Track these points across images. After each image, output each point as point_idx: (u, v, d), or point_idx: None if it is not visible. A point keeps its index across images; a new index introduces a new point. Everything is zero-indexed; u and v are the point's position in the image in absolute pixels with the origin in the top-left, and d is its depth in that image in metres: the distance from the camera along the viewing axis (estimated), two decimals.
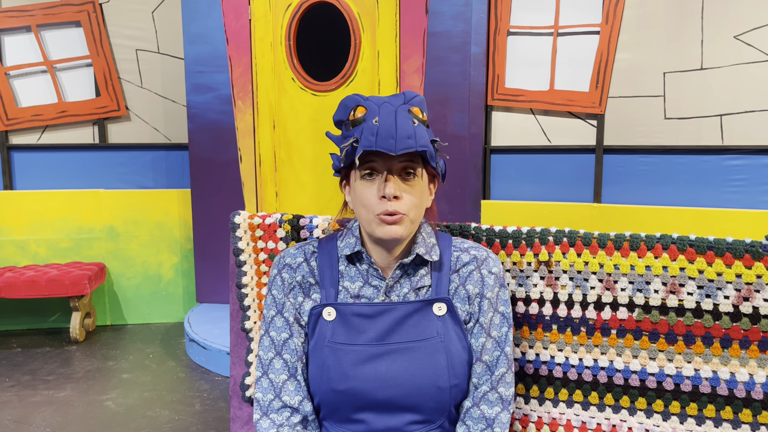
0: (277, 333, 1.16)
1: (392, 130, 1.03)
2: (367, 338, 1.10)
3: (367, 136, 1.04)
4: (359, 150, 1.05)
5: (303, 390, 1.14)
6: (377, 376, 1.09)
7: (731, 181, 3.30)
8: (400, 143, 1.03)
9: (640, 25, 3.39)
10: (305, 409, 1.13)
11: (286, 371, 1.14)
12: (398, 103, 1.09)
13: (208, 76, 3.71)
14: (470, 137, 3.54)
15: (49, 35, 3.94)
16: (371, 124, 1.05)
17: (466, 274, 1.16)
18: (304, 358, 1.15)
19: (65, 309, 4.02)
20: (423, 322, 1.11)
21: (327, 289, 1.15)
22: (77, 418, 2.76)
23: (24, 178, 4.03)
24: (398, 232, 1.08)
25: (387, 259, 1.14)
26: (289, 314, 1.16)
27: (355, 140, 1.07)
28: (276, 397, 1.13)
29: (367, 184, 1.09)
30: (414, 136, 1.04)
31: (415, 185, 1.09)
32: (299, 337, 1.16)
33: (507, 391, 1.14)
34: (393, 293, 1.14)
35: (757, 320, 1.12)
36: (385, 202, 1.07)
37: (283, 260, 1.19)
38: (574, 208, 3.60)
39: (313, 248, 1.20)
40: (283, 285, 1.17)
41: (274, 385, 1.14)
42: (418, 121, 1.08)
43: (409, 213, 1.08)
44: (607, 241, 1.21)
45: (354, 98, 1.12)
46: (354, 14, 3.52)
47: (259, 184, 3.78)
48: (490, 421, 1.12)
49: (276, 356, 1.15)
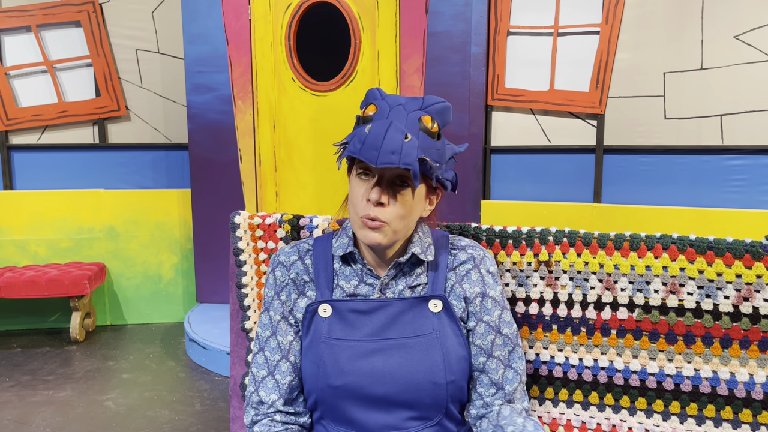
0: (262, 330, 1.19)
1: (378, 142, 1.01)
2: (363, 333, 1.11)
3: (355, 142, 1.04)
4: (344, 154, 1.08)
5: (281, 389, 1.14)
6: (373, 371, 1.09)
7: (731, 181, 3.30)
8: (383, 157, 1.01)
9: (640, 25, 3.39)
10: (277, 406, 1.14)
11: (266, 368, 1.16)
12: (413, 108, 1.08)
13: (208, 76, 3.71)
14: (470, 137, 3.54)
15: (49, 35, 3.94)
16: (363, 130, 1.05)
17: (463, 272, 1.16)
18: (291, 357, 1.16)
19: (65, 309, 4.02)
20: (419, 319, 1.12)
21: (322, 287, 1.15)
22: (77, 418, 2.76)
23: (24, 178, 4.03)
24: (377, 239, 1.07)
25: (378, 259, 1.15)
26: (275, 312, 1.17)
27: (347, 142, 1.09)
28: (255, 391, 1.16)
29: (360, 182, 1.09)
30: (399, 152, 1.01)
31: (405, 196, 1.08)
32: (284, 335, 1.16)
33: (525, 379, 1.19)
34: (388, 290, 1.14)
35: (757, 320, 1.12)
36: (370, 206, 1.06)
37: (277, 258, 1.20)
38: (574, 208, 3.60)
39: (308, 246, 1.21)
40: (275, 283, 1.19)
41: (255, 378, 1.17)
42: (421, 136, 1.05)
43: (391, 223, 1.07)
44: (607, 241, 1.21)
45: (374, 93, 1.11)
46: (354, 14, 3.52)
47: (259, 184, 3.78)
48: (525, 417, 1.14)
49: (259, 351, 1.18)
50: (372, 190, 1.06)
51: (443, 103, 1.10)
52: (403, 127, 1.04)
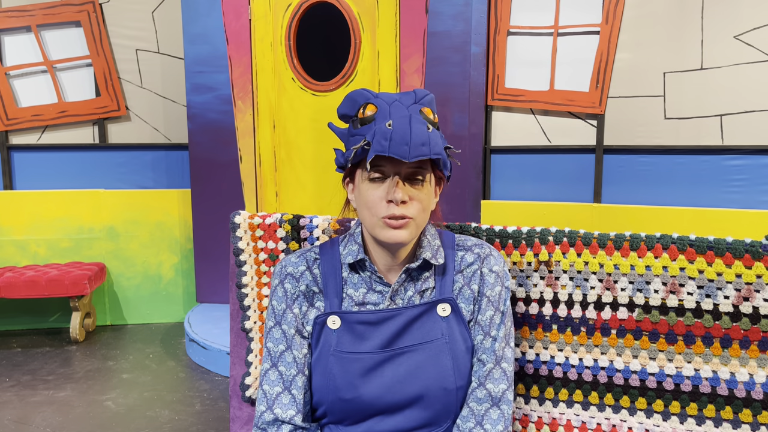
0: (274, 344, 1.13)
1: (407, 136, 0.99)
2: (373, 345, 1.09)
3: (380, 140, 1.00)
4: (371, 154, 1.01)
5: (298, 404, 1.10)
6: (383, 383, 1.07)
7: (731, 181, 3.31)
8: (414, 150, 0.99)
9: (640, 25, 3.39)
10: (296, 422, 1.10)
11: (280, 383, 1.12)
12: (409, 102, 1.07)
13: (208, 76, 3.71)
14: (470, 137, 3.54)
15: (49, 35, 3.94)
16: (384, 127, 1.01)
17: (470, 274, 1.15)
18: (306, 371, 1.13)
19: (65, 309, 4.02)
20: (428, 324, 1.10)
21: (330, 297, 1.13)
22: (77, 418, 2.76)
23: (24, 178, 4.03)
24: (403, 237, 1.06)
25: (391, 263, 1.12)
26: (289, 326, 1.13)
27: (367, 143, 1.03)
28: (268, 409, 1.11)
29: (373, 186, 1.06)
30: (428, 143, 1.00)
31: (423, 189, 1.07)
32: (299, 349, 1.13)
33: (496, 388, 1.11)
34: (398, 297, 1.12)
35: (757, 320, 1.12)
36: (392, 206, 1.04)
37: (285, 270, 1.16)
38: (574, 208, 3.60)
39: (315, 255, 1.17)
40: (285, 296, 1.14)
41: (267, 397, 1.12)
42: (431, 126, 1.05)
43: (415, 218, 1.06)
44: (607, 241, 1.21)
45: (363, 94, 1.08)
46: (354, 14, 3.52)
47: (259, 184, 3.78)
48: (496, 399, 1.10)
49: (272, 368, 1.13)
50: (395, 190, 1.04)
51: (431, 95, 1.10)
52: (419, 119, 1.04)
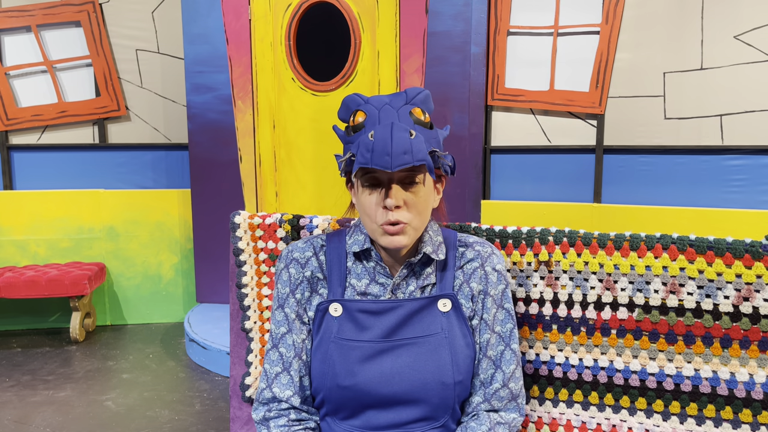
0: (276, 326, 1.17)
1: (387, 147, 1.00)
2: (373, 335, 1.10)
3: (363, 152, 1.02)
4: (355, 167, 1.03)
5: (294, 385, 1.14)
6: (382, 372, 1.09)
7: (731, 181, 3.31)
8: (396, 159, 1.00)
9: (640, 25, 3.39)
10: (293, 402, 1.14)
11: (280, 364, 1.15)
12: (399, 104, 1.07)
13: (208, 76, 3.71)
14: (470, 137, 3.54)
15: (49, 35, 3.94)
16: (367, 138, 1.02)
17: (471, 271, 1.16)
18: (304, 356, 1.15)
19: (65, 309, 4.02)
20: (428, 318, 1.11)
21: (334, 285, 1.15)
22: (77, 418, 2.76)
23: (24, 178, 4.03)
24: (402, 242, 1.07)
25: (395, 257, 1.14)
26: (290, 310, 1.16)
27: (352, 155, 1.05)
28: (267, 387, 1.15)
29: (369, 192, 1.07)
30: (410, 151, 1.00)
31: (418, 192, 1.07)
32: (299, 333, 1.15)
33: (516, 385, 1.15)
34: (399, 291, 1.14)
35: (757, 320, 1.12)
36: (387, 212, 1.05)
37: (291, 254, 1.18)
38: (574, 208, 3.60)
39: (321, 242, 1.19)
40: (290, 280, 1.17)
41: (267, 375, 1.16)
42: (417, 128, 1.05)
43: (411, 222, 1.07)
44: (607, 241, 1.21)
45: (355, 100, 1.09)
46: (354, 14, 3.52)
47: (259, 184, 3.78)
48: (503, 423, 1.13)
49: (273, 348, 1.17)
50: (387, 196, 1.05)
51: (424, 92, 1.10)
52: (404, 124, 1.04)
